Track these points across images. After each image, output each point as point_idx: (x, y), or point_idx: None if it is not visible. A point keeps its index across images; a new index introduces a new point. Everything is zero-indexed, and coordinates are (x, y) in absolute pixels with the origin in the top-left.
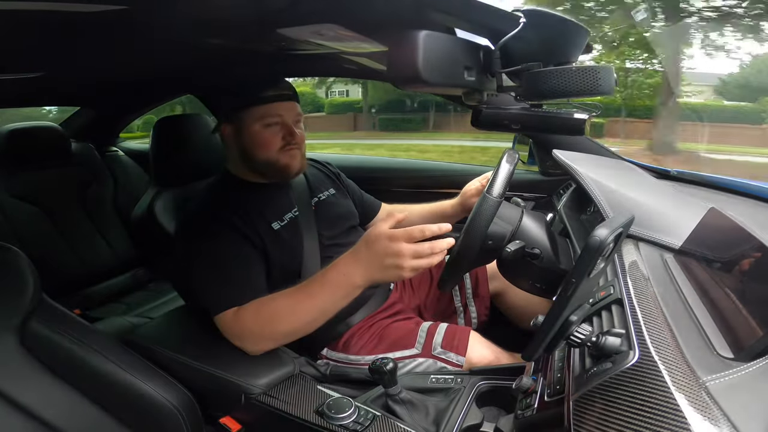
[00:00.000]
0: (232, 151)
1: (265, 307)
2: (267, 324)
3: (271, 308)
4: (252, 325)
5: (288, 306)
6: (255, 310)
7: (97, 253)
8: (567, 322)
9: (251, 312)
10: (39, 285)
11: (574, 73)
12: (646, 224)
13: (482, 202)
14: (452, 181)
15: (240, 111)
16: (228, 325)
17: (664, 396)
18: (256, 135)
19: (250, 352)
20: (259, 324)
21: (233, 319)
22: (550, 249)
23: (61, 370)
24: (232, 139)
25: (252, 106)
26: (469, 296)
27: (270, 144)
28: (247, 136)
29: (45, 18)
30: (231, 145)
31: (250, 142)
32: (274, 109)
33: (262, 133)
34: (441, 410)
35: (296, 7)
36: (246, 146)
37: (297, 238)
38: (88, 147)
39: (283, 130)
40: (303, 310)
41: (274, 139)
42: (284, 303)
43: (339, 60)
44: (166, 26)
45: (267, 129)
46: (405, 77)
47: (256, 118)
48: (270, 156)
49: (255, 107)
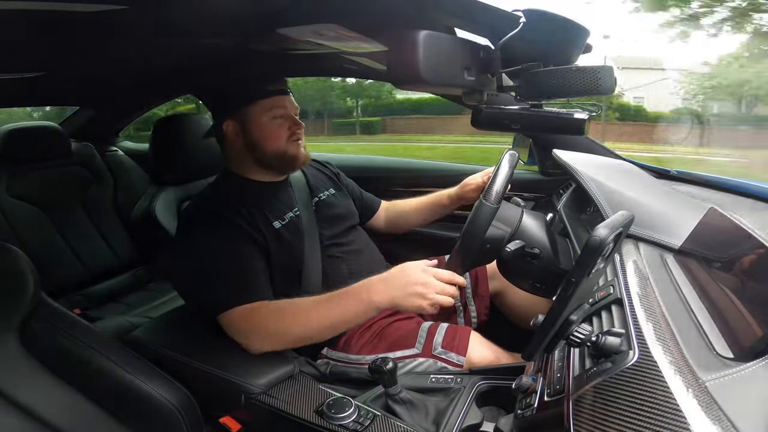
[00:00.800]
0: (235, 149)
1: (285, 308)
2: (283, 325)
3: (291, 310)
4: (268, 324)
5: (306, 311)
6: (275, 309)
7: (97, 253)
8: (567, 322)
9: (270, 311)
10: (39, 285)
11: (574, 73)
12: (646, 224)
13: (479, 207)
14: (452, 181)
15: (246, 106)
16: (235, 323)
17: (663, 396)
18: (264, 127)
19: (253, 352)
20: (276, 324)
21: (242, 316)
22: (550, 249)
23: (61, 369)
24: (237, 136)
25: (259, 99)
26: (469, 296)
27: (278, 136)
28: (256, 130)
29: (45, 18)
30: (235, 142)
31: (259, 135)
32: (279, 102)
33: (270, 125)
34: (441, 410)
35: (296, 7)
36: (255, 140)
37: (298, 238)
38: (88, 147)
39: (288, 121)
40: (320, 317)
41: (282, 130)
42: (304, 307)
43: (339, 60)
44: (166, 26)
45: (274, 121)
46: (405, 77)
47: (264, 111)
48: (279, 147)
49: (262, 101)
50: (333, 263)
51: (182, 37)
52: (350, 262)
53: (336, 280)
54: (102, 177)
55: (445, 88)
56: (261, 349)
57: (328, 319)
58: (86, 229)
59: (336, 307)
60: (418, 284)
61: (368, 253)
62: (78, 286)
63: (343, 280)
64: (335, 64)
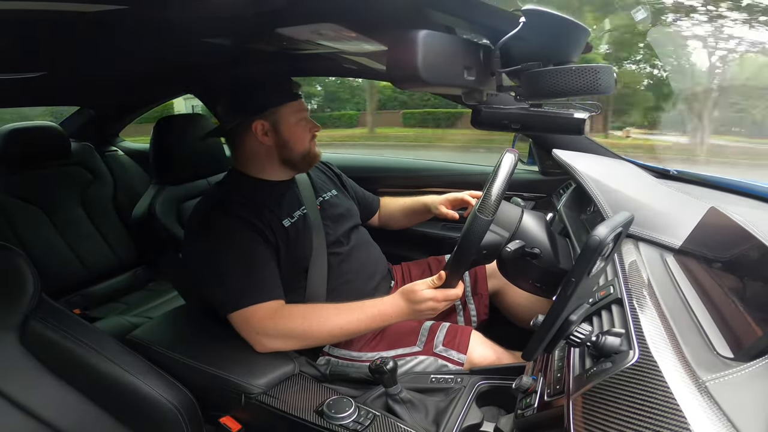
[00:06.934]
0: (259, 148)
1: (304, 311)
2: (301, 327)
3: (309, 314)
4: (286, 324)
5: (326, 317)
6: (294, 311)
7: (97, 252)
8: (567, 322)
9: (289, 312)
10: (39, 285)
11: (573, 72)
12: (646, 224)
13: (473, 221)
14: (452, 180)
15: (278, 107)
16: (249, 321)
17: (664, 395)
18: (294, 128)
19: (260, 350)
20: (294, 325)
21: (257, 315)
22: (550, 249)
23: (61, 369)
24: (267, 135)
25: (290, 101)
26: (468, 294)
27: (304, 136)
28: (287, 131)
29: (45, 18)
30: (264, 142)
31: (290, 135)
32: (303, 105)
33: (298, 126)
34: (441, 410)
35: (295, 6)
36: (286, 139)
37: (306, 236)
38: (88, 147)
39: (309, 123)
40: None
41: (306, 131)
42: (325, 314)
43: (339, 60)
44: (166, 26)
45: (301, 123)
46: (405, 77)
47: (293, 113)
48: (305, 147)
49: (292, 103)
50: (337, 262)
51: (183, 37)
52: (353, 261)
53: (340, 278)
54: (102, 177)
55: (445, 88)
56: (271, 348)
57: (341, 327)
58: (86, 229)
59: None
60: (430, 310)
61: (370, 252)
62: (78, 286)
63: (347, 279)
64: (335, 64)
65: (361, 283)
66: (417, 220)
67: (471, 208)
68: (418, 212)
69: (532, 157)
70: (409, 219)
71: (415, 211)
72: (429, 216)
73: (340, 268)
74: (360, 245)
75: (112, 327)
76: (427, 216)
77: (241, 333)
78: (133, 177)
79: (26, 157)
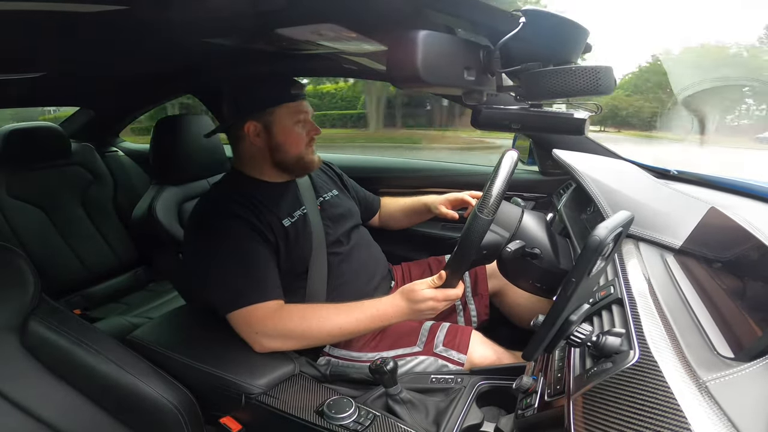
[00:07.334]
0: (253, 150)
1: (304, 311)
2: (300, 327)
3: (309, 314)
4: (285, 324)
5: (326, 317)
6: (294, 311)
7: (97, 253)
8: (567, 322)
9: (289, 312)
10: (39, 285)
11: (573, 73)
12: (646, 224)
13: (473, 221)
14: (453, 181)
15: (273, 108)
16: (248, 321)
17: (664, 396)
18: (288, 131)
19: (259, 350)
20: (293, 325)
21: (256, 315)
22: (550, 249)
23: (61, 370)
24: (259, 137)
25: (286, 102)
26: (469, 294)
27: (300, 140)
28: (280, 133)
29: (45, 18)
30: (255, 143)
31: (284, 138)
32: (302, 107)
33: (293, 129)
34: (441, 410)
35: (295, 7)
36: (278, 143)
37: (306, 236)
38: (88, 147)
39: (307, 126)
40: (335, 325)
41: (302, 135)
42: (324, 314)
43: (339, 60)
44: (166, 26)
45: (297, 126)
46: (405, 77)
47: (289, 115)
48: (299, 152)
49: (289, 104)
50: (337, 262)
51: (182, 37)
52: (353, 261)
53: (340, 278)
54: (102, 177)
55: (445, 88)
56: (270, 348)
57: (340, 327)
58: (86, 229)
59: (353, 318)
60: (430, 309)
61: (371, 252)
62: (78, 287)
63: (347, 279)
64: (335, 64)
65: (361, 283)
66: (417, 220)
67: (471, 208)
68: (419, 212)
69: (532, 157)
70: (410, 219)
71: (416, 211)
72: (429, 216)
73: (340, 268)
74: (360, 245)
75: (113, 327)
76: (428, 216)
77: (240, 333)
78: (133, 177)
79: (26, 157)
